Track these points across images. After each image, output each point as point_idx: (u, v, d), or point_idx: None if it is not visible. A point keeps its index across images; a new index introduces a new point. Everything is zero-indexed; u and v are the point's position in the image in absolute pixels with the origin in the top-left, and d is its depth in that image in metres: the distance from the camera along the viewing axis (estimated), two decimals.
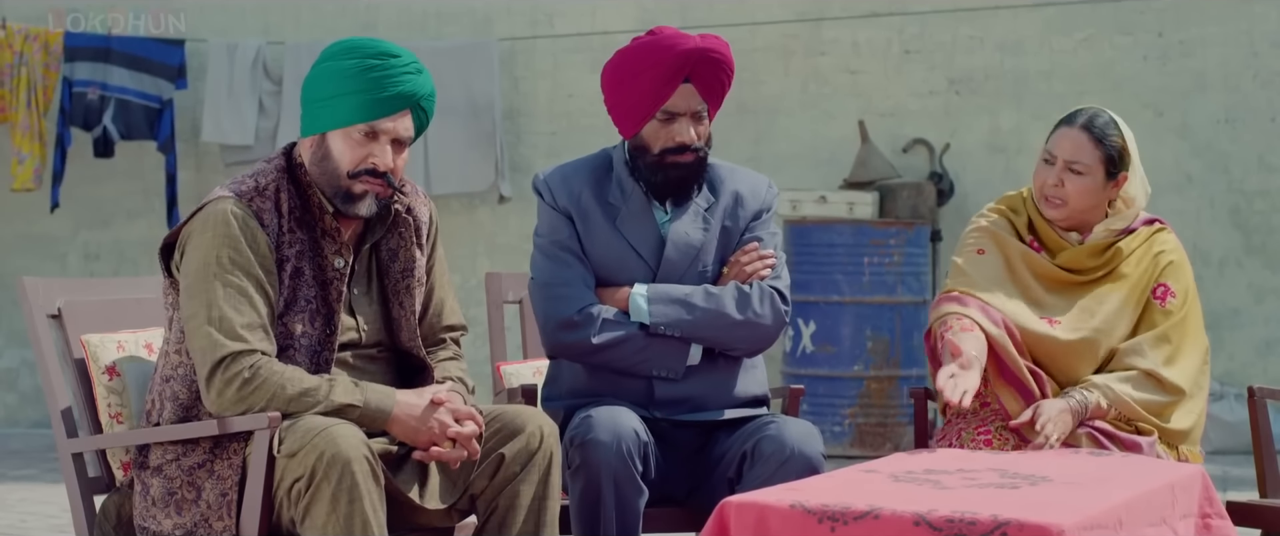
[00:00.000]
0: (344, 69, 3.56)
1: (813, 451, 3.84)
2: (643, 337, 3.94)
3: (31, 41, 8.93)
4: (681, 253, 4.01)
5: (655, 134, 3.99)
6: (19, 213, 9.39)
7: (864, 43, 8.77)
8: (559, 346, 3.97)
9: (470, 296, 8.95)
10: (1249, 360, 8.48)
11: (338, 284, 3.61)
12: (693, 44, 3.95)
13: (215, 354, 3.44)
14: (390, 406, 3.51)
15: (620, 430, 3.75)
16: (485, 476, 3.62)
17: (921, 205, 8.43)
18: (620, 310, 3.96)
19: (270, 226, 3.53)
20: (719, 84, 4.00)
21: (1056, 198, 4.03)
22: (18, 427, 9.49)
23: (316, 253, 3.60)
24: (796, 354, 8.29)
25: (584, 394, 3.99)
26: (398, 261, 3.71)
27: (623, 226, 4.01)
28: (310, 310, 3.58)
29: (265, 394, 3.43)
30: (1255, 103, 8.44)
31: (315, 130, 3.59)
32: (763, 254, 4.04)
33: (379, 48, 3.59)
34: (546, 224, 4.04)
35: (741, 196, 4.09)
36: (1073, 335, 3.99)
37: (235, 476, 3.47)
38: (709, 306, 3.95)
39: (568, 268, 3.97)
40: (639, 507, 3.78)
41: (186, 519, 3.49)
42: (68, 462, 3.68)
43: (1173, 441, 3.99)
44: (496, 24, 9.07)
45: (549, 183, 4.05)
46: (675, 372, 3.97)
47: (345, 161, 3.56)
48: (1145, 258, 4.08)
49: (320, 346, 3.58)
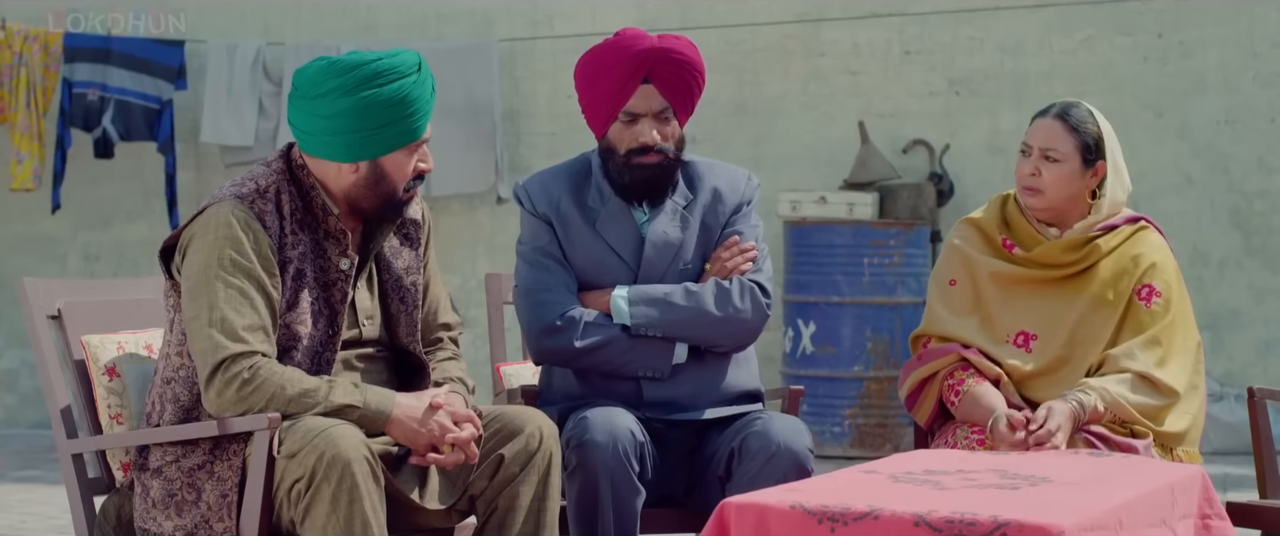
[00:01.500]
0: (382, 99, 3.57)
1: (800, 446, 3.84)
2: (626, 339, 3.95)
3: (31, 42, 8.93)
4: (660, 252, 4.01)
5: (620, 135, 4.01)
6: (19, 214, 9.39)
7: (864, 43, 8.77)
8: (543, 352, 3.98)
9: (470, 297, 8.95)
10: (1249, 361, 8.48)
11: (342, 285, 3.62)
12: (650, 44, 3.96)
13: (216, 355, 3.44)
14: (390, 408, 3.52)
15: (616, 431, 3.75)
16: (485, 477, 3.62)
17: (921, 206, 8.43)
18: (603, 313, 3.96)
19: (272, 228, 3.55)
20: (683, 84, 3.99)
21: (1033, 187, 4.06)
22: (18, 428, 9.49)
23: (319, 254, 3.62)
24: (796, 354, 8.29)
25: (576, 397, 4.00)
26: (401, 259, 3.74)
27: (602, 229, 4.02)
28: (313, 311, 3.59)
29: (264, 394, 3.43)
30: (1255, 104, 8.44)
31: (360, 158, 3.60)
32: (743, 248, 4.04)
33: (398, 70, 3.60)
34: (528, 231, 4.06)
35: (720, 192, 4.09)
36: (1046, 361, 4.02)
37: (235, 478, 3.47)
38: (689, 304, 3.96)
39: (549, 273, 3.99)
40: (636, 508, 3.78)
41: (187, 520, 3.50)
42: (68, 463, 3.68)
43: (1168, 443, 3.99)
44: (496, 25, 9.07)
45: (528, 189, 4.07)
46: (661, 372, 3.97)
47: (401, 178, 3.64)
48: (1123, 258, 4.07)
49: (322, 347, 3.59)
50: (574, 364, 3.97)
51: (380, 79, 3.57)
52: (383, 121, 3.58)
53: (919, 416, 4.12)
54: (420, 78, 3.62)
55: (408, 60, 3.62)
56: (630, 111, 3.98)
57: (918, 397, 4.11)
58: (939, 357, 4.05)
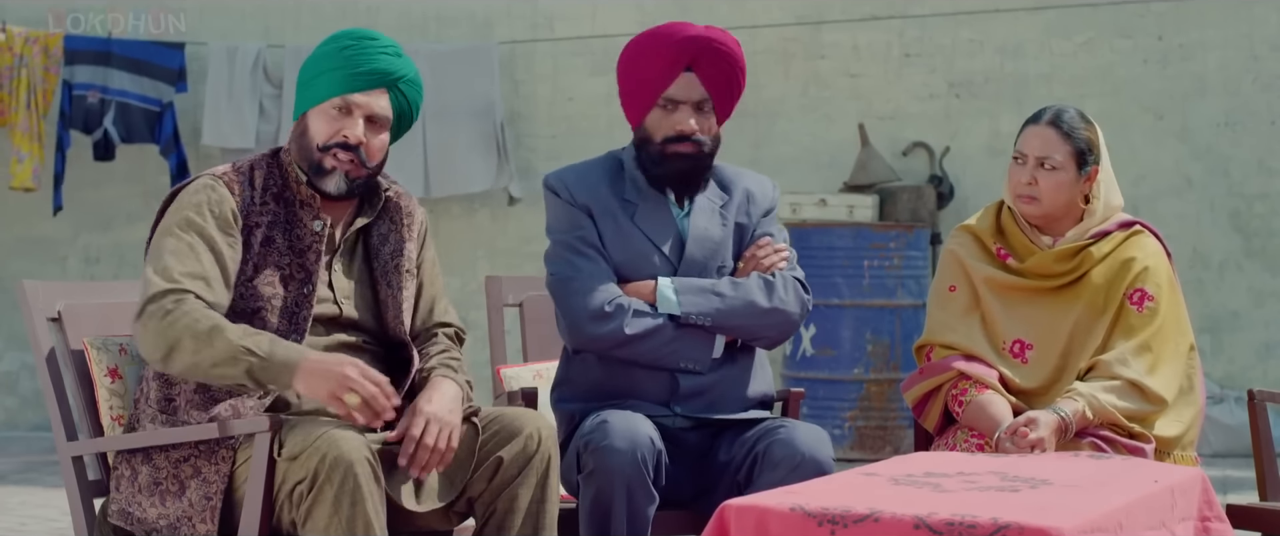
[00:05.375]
0: (325, 52, 3.70)
1: (824, 456, 3.84)
2: (672, 329, 3.94)
3: (31, 44, 8.93)
4: (703, 248, 4.02)
5: (657, 123, 4.01)
6: (19, 216, 9.40)
7: (864, 46, 8.77)
8: (590, 339, 3.94)
9: (470, 300, 8.94)
10: (1249, 363, 8.48)
11: (316, 246, 3.65)
12: (696, 31, 3.99)
13: (147, 292, 3.50)
14: (297, 359, 3.45)
15: (637, 437, 3.74)
16: (483, 479, 3.62)
17: (921, 208, 8.43)
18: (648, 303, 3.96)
19: (241, 196, 3.61)
20: (724, 78, 4.01)
21: (1030, 195, 4.05)
22: (18, 431, 9.49)
23: (293, 222, 3.66)
24: (796, 357, 8.29)
25: (603, 393, 3.98)
26: (387, 245, 3.74)
27: (641, 223, 4.02)
28: (283, 274, 3.61)
29: (180, 327, 3.44)
30: (1255, 106, 8.44)
31: (299, 112, 3.71)
32: (778, 247, 4.06)
33: (361, 32, 3.72)
34: (565, 220, 4.02)
35: (752, 194, 4.13)
36: (1041, 374, 4.02)
37: (221, 483, 3.47)
38: (738, 294, 3.96)
39: (592, 261, 3.97)
40: (649, 515, 3.77)
41: (171, 511, 3.50)
42: (67, 465, 3.68)
43: (1164, 448, 3.99)
44: (497, 27, 9.08)
45: (564, 179, 4.05)
46: (702, 364, 3.97)
47: (319, 135, 3.65)
48: (1115, 263, 4.06)
49: (297, 307, 3.60)
50: (620, 351, 3.95)
51: (346, 35, 3.70)
52: (319, 71, 3.67)
53: (927, 424, 4.13)
54: (387, 52, 3.69)
55: (393, 42, 3.72)
56: (670, 98, 3.99)
57: (924, 408, 4.12)
58: (940, 372, 4.05)
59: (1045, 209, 4.06)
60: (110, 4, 9.27)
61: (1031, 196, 4.05)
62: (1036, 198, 4.05)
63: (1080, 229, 4.09)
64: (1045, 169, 4.03)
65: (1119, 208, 4.15)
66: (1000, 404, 3.95)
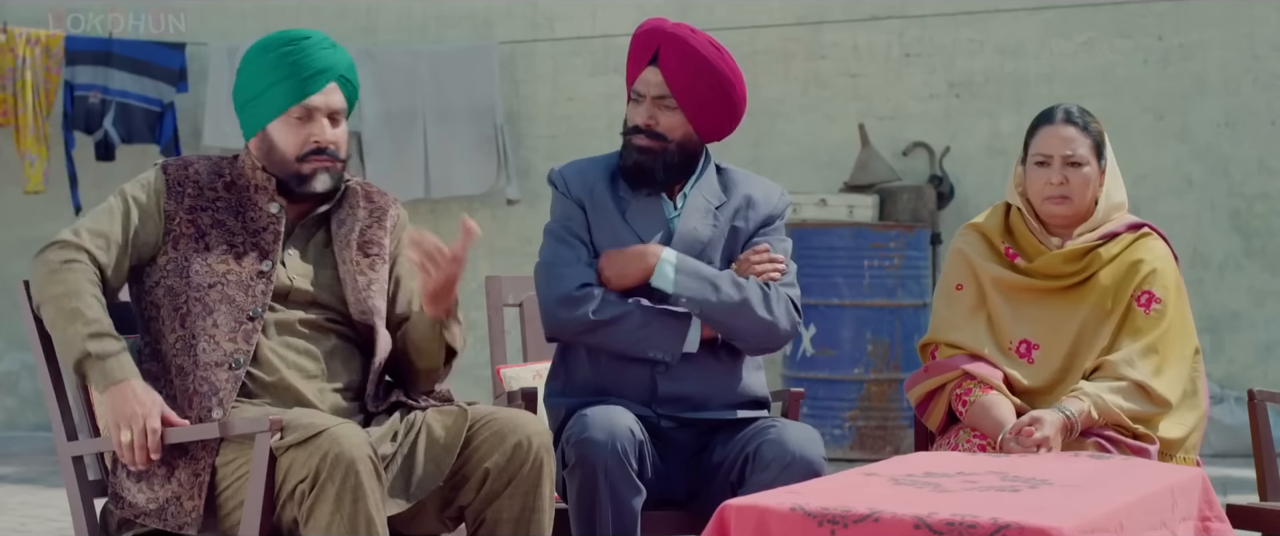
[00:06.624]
0: (264, 64, 3.71)
1: (815, 455, 3.84)
2: (641, 315, 3.94)
3: (33, 45, 8.94)
4: (689, 247, 4.02)
5: (628, 116, 4.12)
6: (19, 216, 9.40)
7: (864, 46, 8.77)
8: (557, 323, 3.97)
9: (470, 300, 8.94)
10: (1249, 363, 8.48)
11: (274, 227, 3.68)
12: (658, 25, 4.05)
13: (56, 236, 3.63)
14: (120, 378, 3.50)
15: (615, 428, 3.75)
16: (473, 490, 3.61)
17: (921, 208, 8.43)
18: (644, 273, 3.95)
19: (182, 186, 3.67)
20: (687, 77, 4.00)
21: (1062, 195, 4.04)
22: (18, 431, 9.49)
23: (245, 205, 3.70)
24: (797, 357, 8.29)
25: (587, 389, 4.00)
26: (344, 227, 3.77)
27: (631, 219, 4.04)
28: (236, 252, 3.64)
29: (59, 288, 3.56)
30: (1255, 106, 8.44)
31: (256, 129, 3.72)
32: (773, 257, 4.05)
33: (288, 35, 3.73)
34: (559, 212, 4.09)
35: (753, 199, 4.12)
36: (1046, 374, 4.02)
37: (210, 458, 3.48)
38: (733, 292, 3.96)
39: (571, 249, 4.01)
40: (636, 507, 3.77)
41: (160, 493, 3.50)
42: (68, 466, 3.68)
43: (1166, 450, 3.99)
44: (497, 27, 9.08)
45: (564, 174, 4.12)
46: (672, 355, 3.96)
47: (290, 146, 3.68)
48: (1123, 264, 4.06)
49: (253, 280, 3.63)
50: (587, 337, 3.96)
51: (275, 42, 3.71)
52: (265, 85, 3.69)
53: (930, 423, 4.13)
54: (323, 46, 3.71)
55: (321, 34, 3.74)
56: (636, 90, 4.06)
57: (927, 407, 4.11)
58: (945, 371, 4.04)
59: (1077, 207, 4.05)
60: (111, 4, 9.27)
61: (1063, 196, 4.04)
62: (1068, 197, 4.04)
63: (1087, 226, 4.08)
64: (1073, 167, 4.03)
65: (1122, 204, 4.15)
66: (1004, 406, 3.94)
